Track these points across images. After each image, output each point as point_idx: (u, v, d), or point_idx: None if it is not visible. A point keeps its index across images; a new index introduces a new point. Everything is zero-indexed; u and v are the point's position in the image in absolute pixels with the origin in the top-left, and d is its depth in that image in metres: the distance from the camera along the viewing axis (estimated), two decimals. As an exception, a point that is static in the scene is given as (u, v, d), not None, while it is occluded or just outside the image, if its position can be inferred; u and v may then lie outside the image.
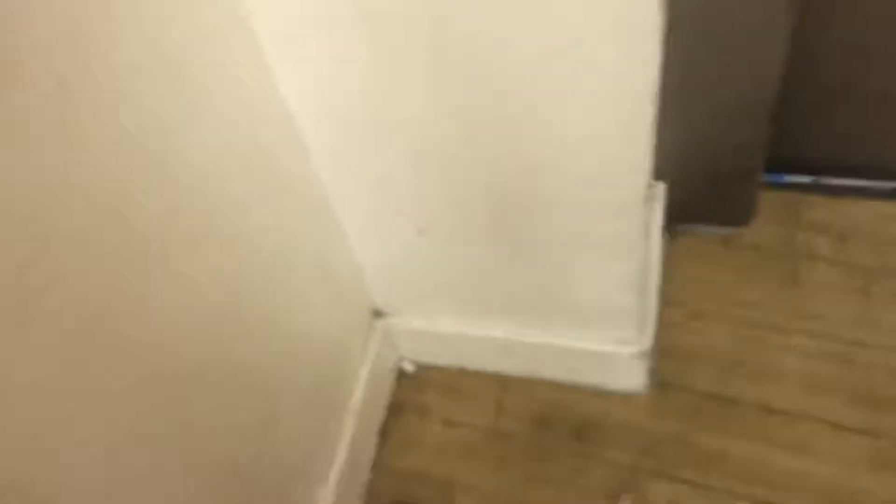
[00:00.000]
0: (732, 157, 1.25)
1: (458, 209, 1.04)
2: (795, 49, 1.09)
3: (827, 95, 1.27)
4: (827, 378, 1.22)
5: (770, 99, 1.16)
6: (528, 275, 1.11)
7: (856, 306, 1.28)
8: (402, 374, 1.32)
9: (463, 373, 1.29)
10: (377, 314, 1.25)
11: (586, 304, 1.14)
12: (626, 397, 1.24)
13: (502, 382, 1.28)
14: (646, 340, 1.18)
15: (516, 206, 1.02)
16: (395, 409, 1.29)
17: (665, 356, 1.25)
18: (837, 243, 1.33)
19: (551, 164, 0.94)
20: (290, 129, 0.97)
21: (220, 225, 0.87)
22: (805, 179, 1.38)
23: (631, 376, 1.22)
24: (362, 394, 1.20)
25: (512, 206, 1.02)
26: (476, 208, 1.04)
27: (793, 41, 1.07)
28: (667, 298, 1.28)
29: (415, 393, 1.30)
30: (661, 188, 1.26)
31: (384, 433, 1.27)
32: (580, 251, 1.06)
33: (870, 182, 1.36)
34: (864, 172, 1.35)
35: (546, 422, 1.25)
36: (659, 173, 1.04)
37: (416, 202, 1.05)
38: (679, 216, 1.31)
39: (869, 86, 1.24)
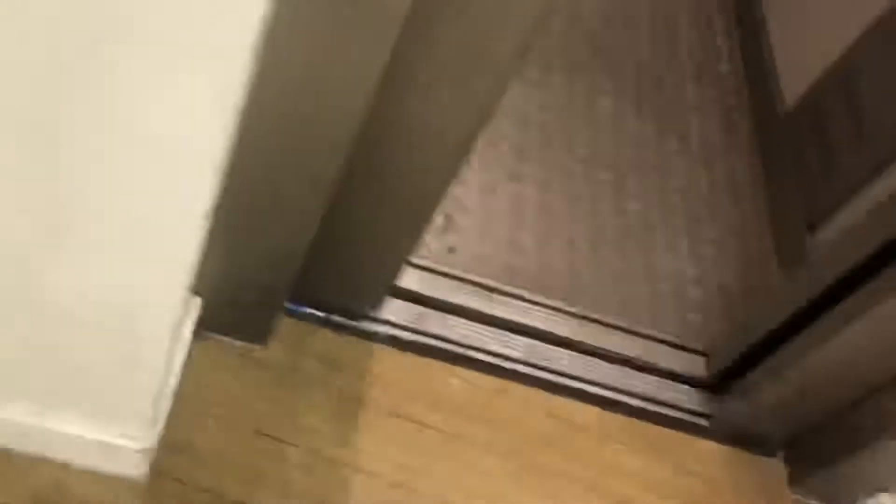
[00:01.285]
0: (260, 284, 1.46)
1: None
2: (327, 215, 1.33)
3: (348, 249, 1.53)
4: (306, 487, 1.44)
5: (301, 249, 1.39)
6: (52, 365, 1.18)
7: (342, 424, 1.53)
8: None
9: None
10: None
11: (106, 402, 1.23)
12: (127, 484, 1.33)
13: (5, 457, 1.30)
14: (153, 437, 1.31)
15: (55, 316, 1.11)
16: None
17: (169, 450, 1.37)
18: (331, 371, 1.59)
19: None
20: None
21: None
22: (319, 314, 1.63)
23: (134, 467, 1.33)
24: None
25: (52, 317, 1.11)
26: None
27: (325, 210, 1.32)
28: (181, 396, 1.40)
29: None
30: (196, 301, 1.41)
31: None
32: (103, 355, 1.16)
33: (358, 323, 1.65)
34: (357, 316, 1.65)
35: (42, 502, 1.29)
36: (195, 287, 1.19)
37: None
38: (206, 324, 1.47)
39: (359, 235, 1.53)
